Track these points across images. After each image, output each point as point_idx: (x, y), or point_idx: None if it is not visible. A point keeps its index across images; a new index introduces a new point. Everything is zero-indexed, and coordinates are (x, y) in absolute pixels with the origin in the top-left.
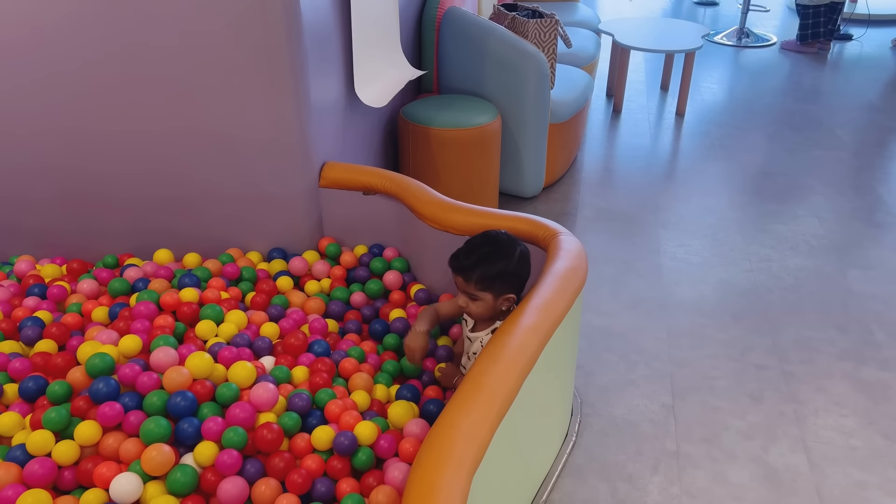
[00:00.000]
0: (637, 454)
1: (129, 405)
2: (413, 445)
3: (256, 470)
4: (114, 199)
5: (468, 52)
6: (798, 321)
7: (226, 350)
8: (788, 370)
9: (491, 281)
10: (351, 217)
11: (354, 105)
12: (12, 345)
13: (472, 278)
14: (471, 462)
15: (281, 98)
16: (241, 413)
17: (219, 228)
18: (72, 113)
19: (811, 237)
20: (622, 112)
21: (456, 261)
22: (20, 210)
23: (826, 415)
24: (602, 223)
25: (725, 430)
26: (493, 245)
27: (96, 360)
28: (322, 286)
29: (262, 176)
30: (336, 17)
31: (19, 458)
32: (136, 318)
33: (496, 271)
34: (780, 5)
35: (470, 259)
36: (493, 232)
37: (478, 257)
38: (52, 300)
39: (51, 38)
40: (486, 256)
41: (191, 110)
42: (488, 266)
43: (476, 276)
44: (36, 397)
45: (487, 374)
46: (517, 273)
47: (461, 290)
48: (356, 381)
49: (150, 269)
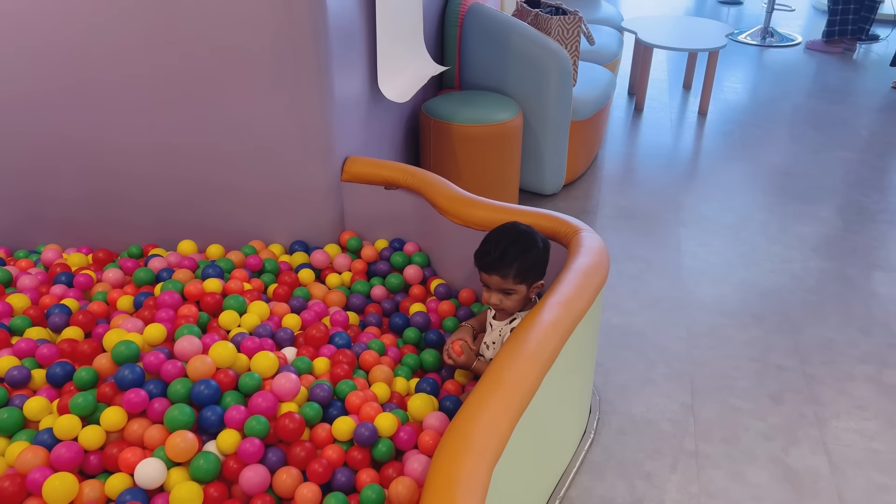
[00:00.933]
0: (655, 453)
1: (153, 392)
2: (433, 438)
3: (278, 458)
4: (139, 190)
5: (491, 48)
6: (820, 323)
7: (248, 340)
8: (810, 372)
9: (527, 273)
10: (372, 211)
11: (377, 100)
12: (40, 331)
13: (511, 274)
14: (491, 455)
15: (305, 92)
16: (264, 402)
17: (242, 220)
18: (98, 105)
19: (834, 238)
20: (644, 110)
21: (488, 258)
22: (47, 200)
23: (848, 417)
24: (622, 221)
25: (745, 431)
26: (521, 237)
27: (122, 347)
28: (343, 279)
29: (285, 169)
30: (361, 13)
31: (46, 441)
32: (161, 307)
33: (530, 262)
34: (806, 5)
35: (507, 256)
36: (509, 224)
37: (514, 252)
38: (78, 288)
39: (79, 34)
40: (522, 250)
41: (216, 103)
42: (523, 258)
43: (514, 270)
44: (63, 383)
45: (508, 369)
46: (545, 259)
47: (496, 288)
48: (376, 373)
49: (175, 260)
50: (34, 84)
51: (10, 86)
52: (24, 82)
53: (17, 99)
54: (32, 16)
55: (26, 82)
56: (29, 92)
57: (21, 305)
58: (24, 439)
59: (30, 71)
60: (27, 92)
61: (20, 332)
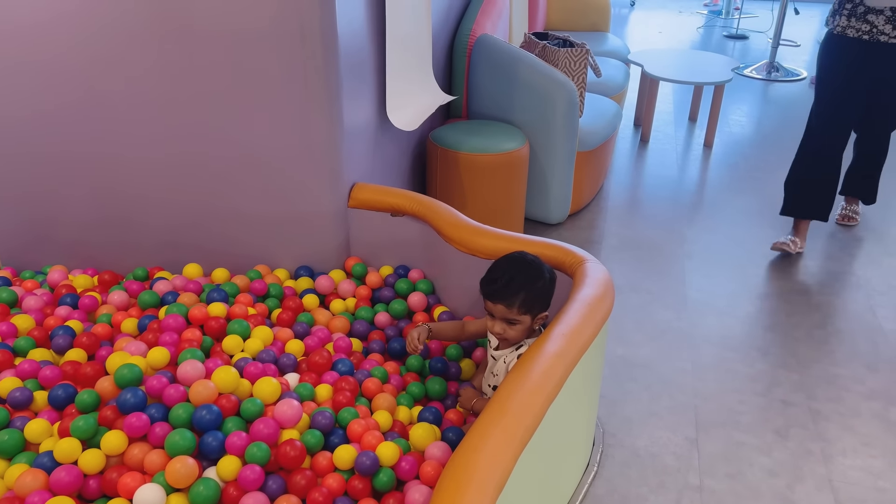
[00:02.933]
0: (659, 487)
1: (155, 416)
2: (434, 468)
3: (278, 486)
4: (145, 213)
5: (498, 78)
6: (826, 358)
7: (251, 365)
8: (816, 408)
9: (532, 303)
10: (378, 238)
11: (385, 128)
12: (43, 352)
13: (516, 303)
14: (494, 487)
15: (315, 119)
16: (265, 429)
17: (247, 245)
18: (107, 129)
19: (841, 274)
20: (650, 142)
21: (493, 286)
22: (54, 222)
23: (854, 455)
24: (627, 252)
25: (750, 466)
26: (528, 267)
27: (125, 370)
28: (347, 305)
29: (292, 195)
30: (371, 41)
31: (46, 464)
32: (165, 330)
33: (536, 293)
34: (811, 41)
35: (513, 285)
36: (517, 254)
37: (521, 282)
38: (83, 310)
39: (90, 57)
40: (529, 280)
41: (225, 128)
42: (529, 289)
43: (519, 300)
44: (65, 405)
45: (512, 400)
46: (551, 290)
47: (500, 317)
48: (379, 401)
49: (180, 283)
50: (43, 107)
51: (20, 108)
52: (33, 105)
53: (25, 122)
54: (43, 39)
55: (36, 105)
56: (38, 115)
57: (25, 326)
58: (23, 462)
59: (40, 94)
60: (36, 115)
61: (24, 353)
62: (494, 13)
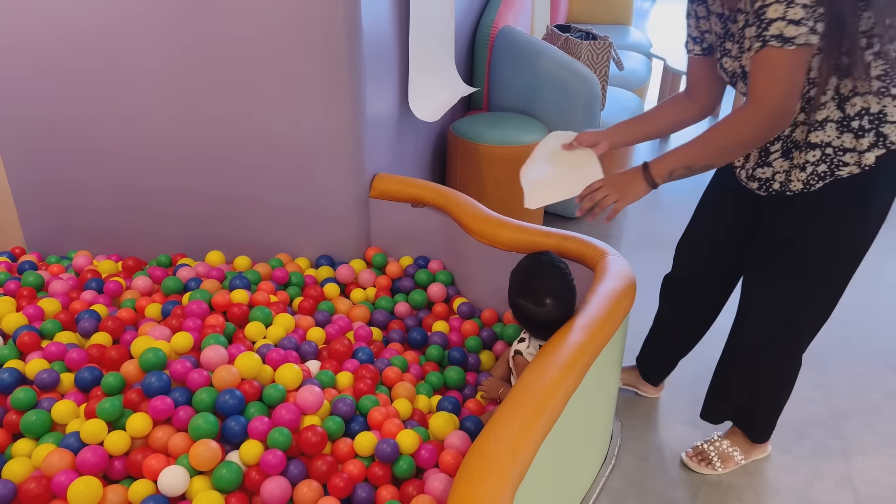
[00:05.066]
0: (677, 481)
1: (179, 400)
2: (454, 457)
3: (299, 471)
4: (169, 201)
5: (520, 70)
6: (848, 357)
7: (273, 352)
8: (836, 406)
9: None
10: (398, 228)
11: (406, 119)
12: (69, 335)
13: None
14: (515, 477)
15: (338, 109)
16: (287, 414)
17: (270, 233)
18: (132, 118)
19: (863, 273)
20: (670, 136)
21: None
22: (79, 209)
23: (875, 454)
24: (647, 246)
25: (769, 463)
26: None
27: (149, 354)
28: (367, 295)
29: (314, 185)
30: (394, 32)
31: (73, 445)
32: (188, 316)
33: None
34: None
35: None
36: (545, 258)
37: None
38: (107, 295)
39: (117, 46)
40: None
41: (249, 118)
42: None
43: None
44: (91, 387)
45: (532, 391)
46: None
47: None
48: (399, 389)
49: (203, 270)
50: (69, 97)
51: (46, 99)
52: (60, 95)
53: (52, 113)
54: (70, 33)
55: (62, 96)
56: (64, 106)
57: (52, 310)
58: (50, 442)
59: (68, 86)
60: (63, 106)
61: (50, 335)
62: (517, 5)
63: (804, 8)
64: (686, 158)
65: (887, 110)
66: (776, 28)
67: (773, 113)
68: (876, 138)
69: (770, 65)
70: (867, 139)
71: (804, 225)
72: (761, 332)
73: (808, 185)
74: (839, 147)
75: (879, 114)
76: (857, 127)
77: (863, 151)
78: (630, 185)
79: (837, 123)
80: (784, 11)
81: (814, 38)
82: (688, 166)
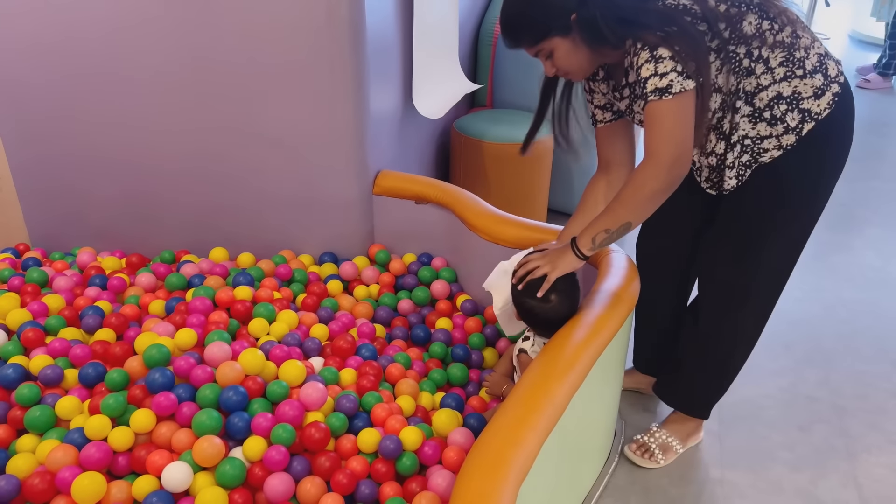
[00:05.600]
0: (681, 479)
1: (182, 396)
2: (457, 454)
3: (303, 468)
4: (172, 198)
5: (523, 67)
6: (852, 355)
7: (277, 348)
8: (841, 404)
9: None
10: (402, 225)
11: (410, 116)
12: (73, 332)
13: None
14: (517, 474)
15: (342, 106)
16: (291, 411)
17: (273, 230)
18: (136, 115)
19: (867, 269)
20: None
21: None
22: (83, 205)
23: (879, 452)
24: None
25: (773, 461)
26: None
27: (153, 350)
28: (370, 292)
29: (318, 181)
30: (398, 29)
31: (77, 441)
32: (192, 312)
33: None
34: (842, 33)
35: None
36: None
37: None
38: (111, 291)
39: (122, 42)
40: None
41: (252, 114)
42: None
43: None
44: (95, 383)
45: (536, 388)
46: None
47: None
48: (402, 386)
49: (206, 267)
50: (74, 95)
51: (52, 100)
52: (64, 96)
53: (55, 111)
54: (75, 38)
55: (66, 93)
56: (68, 103)
57: (56, 306)
58: (54, 438)
59: (72, 81)
60: (66, 103)
61: (54, 332)
62: None
63: (671, 59)
64: (602, 225)
65: (799, 89)
66: (651, 84)
67: (669, 163)
68: (801, 115)
69: (655, 118)
70: (789, 121)
71: (747, 211)
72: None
73: (740, 178)
74: (756, 136)
75: (793, 94)
76: (770, 116)
77: (780, 135)
78: (561, 258)
79: (749, 117)
80: (654, 68)
81: (689, 83)
82: (606, 230)
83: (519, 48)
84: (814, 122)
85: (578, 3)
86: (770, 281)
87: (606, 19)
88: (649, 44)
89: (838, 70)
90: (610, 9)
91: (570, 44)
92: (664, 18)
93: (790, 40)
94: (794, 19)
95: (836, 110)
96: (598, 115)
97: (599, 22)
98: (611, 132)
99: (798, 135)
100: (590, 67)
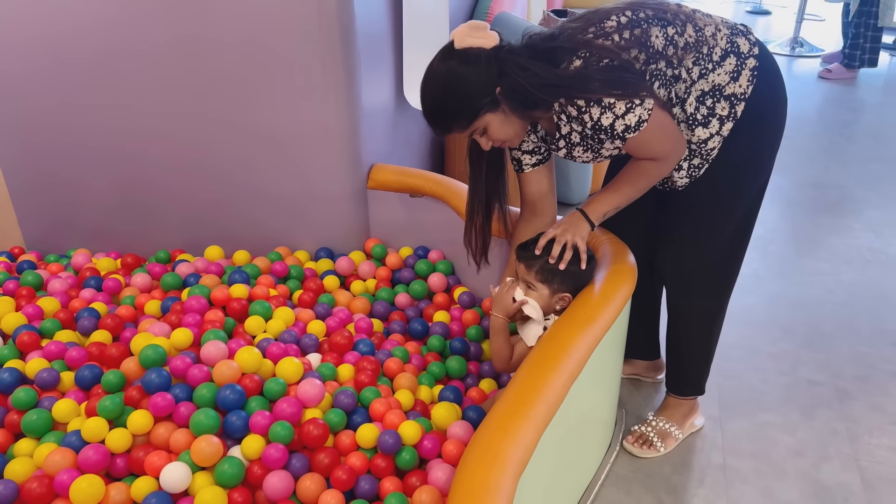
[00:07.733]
0: (682, 466)
1: (179, 396)
2: (457, 447)
3: (302, 465)
4: (166, 196)
5: None
6: (852, 337)
7: (274, 346)
8: (842, 387)
9: (550, 275)
10: (397, 219)
11: (403, 108)
12: (69, 334)
13: (534, 268)
14: (518, 465)
15: (333, 99)
16: (289, 408)
17: (268, 227)
18: (128, 112)
19: (867, 251)
20: None
21: (524, 249)
22: (77, 205)
23: (881, 434)
24: None
25: (774, 446)
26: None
27: (149, 351)
28: (367, 286)
29: (311, 176)
30: (388, 21)
31: (74, 443)
32: (188, 311)
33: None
34: (835, 15)
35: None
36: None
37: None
38: (107, 292)
39: (111, 37)
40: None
41: (244, 110)
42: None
43: (537, 266)
44: (91, 385)
45: (534, 378)
46: (579, 274)
47: (521, 278)
48: (400, 380)
49: (201, 265)
50: (67, 95)
51: (41, 94)
52: (56, 90)
53: (49, 110)
54: (64, 29)
55: (60, 94)
56: (61, 104)
57: (51, 309)
58: (52, 441)
59: (63, 79)
60: (59, 104)
61: (50, 334)
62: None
63: (619, 99)
64: (614, 202)
65: (717, 80)
66: (620, 126)
67: (675, 157)
68: (728, 102)
69: (643, 143)
70: (720, 112)
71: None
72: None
73: (692, 177)
74: (698, 141)
75: (714, 88)
76: (702, 118)
77: (719, 130)
78: (578, 226)
79: (685, 123)
80: (613, 115)
81: (648, 101)
82: (616, 207)
83: (451, 133)
84: (743, 102)
85: (498, 75)
86: (730, 253)
87: (533, 86)
88: (591, 100)
89: (750, 43)
90: (531, 76)
91: (501, 115)
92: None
93: (695, 37)
94: (689, 13)
95: (760, 81)
96: (524, 160)
97: (529, 88)
98: (537, 175)
99: (734, 120)
100: (523, 131)
